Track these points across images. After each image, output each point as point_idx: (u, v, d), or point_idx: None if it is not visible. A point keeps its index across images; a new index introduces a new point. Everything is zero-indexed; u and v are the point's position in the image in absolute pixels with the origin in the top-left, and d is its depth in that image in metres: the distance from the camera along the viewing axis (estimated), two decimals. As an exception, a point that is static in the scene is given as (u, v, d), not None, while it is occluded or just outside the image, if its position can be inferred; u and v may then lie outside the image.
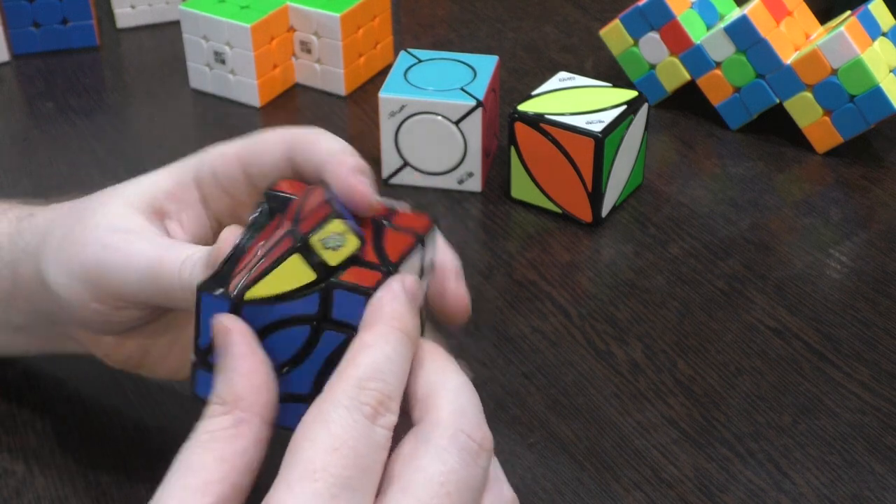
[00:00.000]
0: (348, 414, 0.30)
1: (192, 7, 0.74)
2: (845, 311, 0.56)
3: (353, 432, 0.30)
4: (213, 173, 0.42)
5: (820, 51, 0.66)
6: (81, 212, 0.42)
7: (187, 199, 0.42)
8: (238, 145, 0.42)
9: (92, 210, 0.42)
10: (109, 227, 0.40)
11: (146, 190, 0.42)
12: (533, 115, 0.61)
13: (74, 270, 0.40)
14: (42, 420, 0.49)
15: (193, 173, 0.42)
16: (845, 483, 0.46)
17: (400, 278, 0.33)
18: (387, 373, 0.31)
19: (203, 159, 0.42)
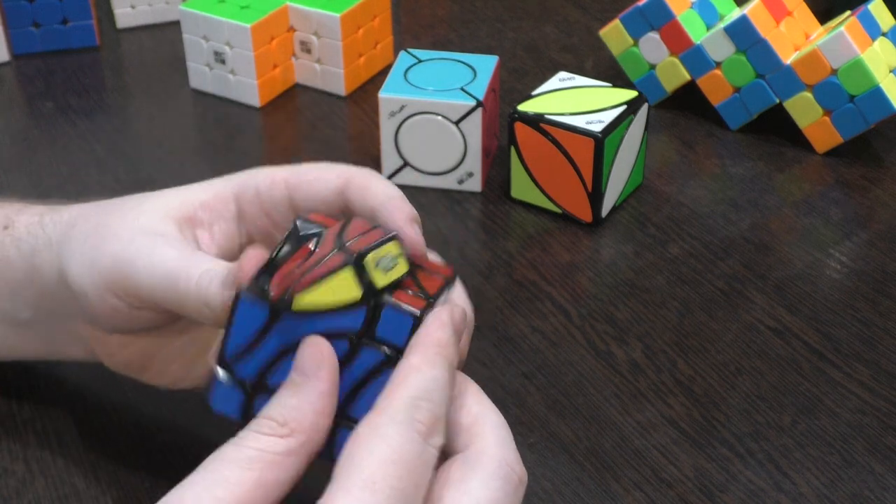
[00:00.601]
0: (404, 430, 0.31)
1: (192, 7, 0.74)
2: (845, 311, 0.56)
3: (409, 447, 0.31)
4: (256, 192, 0.42)
5: (820, 51, 0.66)
6: (112, 209, 0.43)
7: (222, 212, 0.43)
8: (288, 171, 0.42)
9: (123, 209, 0.42)
10: (139, 227, 0.41)
11: (182, 198, 0.43)
12: (533, 115, 0.61)
13: (96, 262, 0.41)
14: (42, 420, 0.49)
15: (235, 189, 0.43)
16: (845, 483, 0.46)
17: (448, 309, 0.34)
18: (435, 395, 0.32)
19: (249, 178, 0.43)
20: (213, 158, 0.70)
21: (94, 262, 0.41)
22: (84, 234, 0.42)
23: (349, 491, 0.30)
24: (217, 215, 0.43)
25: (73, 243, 0.42)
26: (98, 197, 0.67)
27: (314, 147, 0.71)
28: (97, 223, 0.42)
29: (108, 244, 0.41)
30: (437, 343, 0.33)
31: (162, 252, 0.39)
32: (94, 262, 0.41)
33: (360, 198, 0.40)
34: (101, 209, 0.43)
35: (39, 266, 0.43)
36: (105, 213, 0.43)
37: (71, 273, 0.41)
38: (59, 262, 0.42)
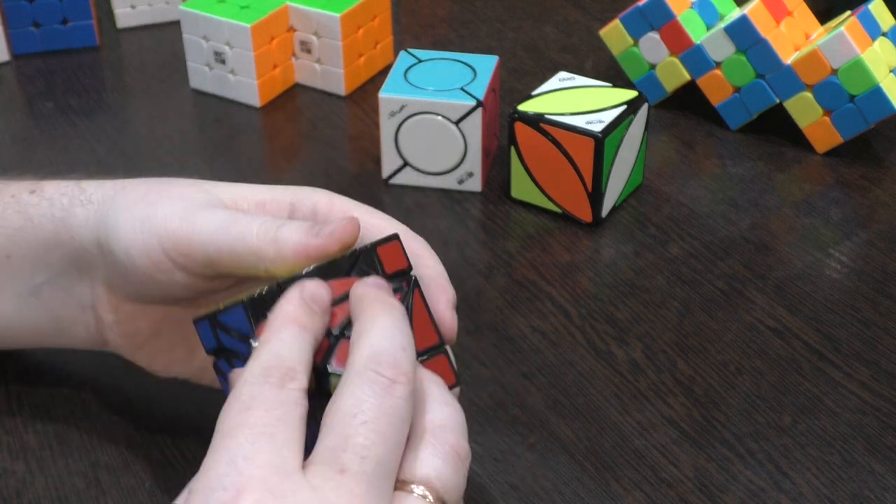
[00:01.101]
0: (254, 387, 0.34)
1: (192, 7, 0.74)
2: (845, 311, 0.56)
3: (262, 395, 0.34)
4: (313, 210, 0.43)
5: (820, 51, 0.66)
6: (170, 182, 0.44)
7: (273, 213, 0.43)
8: (351, 206, 0.44)
9: (182, 185, 0.44)
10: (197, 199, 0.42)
11: (238, 192, 0.44)
12: (533, 115, 0.61)
13: (150, 219, 0.42)
14: (42, 420, 0.49)
15: (293, 198, 0.44)
16: (845, 483, 0.46)
17: (298, 287, 0.37)
18: (284, 354, 0.35)
19: (310, 193, 0.44)
20: (213, 158, 0.70)
21: (146, 219, 0.42)
22: (136, 197, 0.43)
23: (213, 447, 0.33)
24: (268, 215, 0.43)
25: (121, 204, 0.43)
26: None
27: (314, 147, 0.71)
28: (152, 190, 0.43)
29: (164, 205, 0.42)
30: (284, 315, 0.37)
31: (221, 211, 0.41)
32: (149, 224, 0.41)
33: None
34: (154, 181, 0.44)
35: (72, 223, 0.44)
36: (162, 183, 0.44)
37: (117, 231, 0.42)
38: (99, 218, 0.43)
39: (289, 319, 0.36)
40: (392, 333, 0.36)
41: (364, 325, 0.36)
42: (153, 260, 0.42)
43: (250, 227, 0.40)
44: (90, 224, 0.43)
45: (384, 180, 0.66)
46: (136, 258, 0.42)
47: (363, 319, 0.36)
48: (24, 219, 0.45)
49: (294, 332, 0.36)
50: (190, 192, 0.43)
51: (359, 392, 0.34)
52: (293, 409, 0.34)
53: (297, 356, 0.35)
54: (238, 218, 0.41)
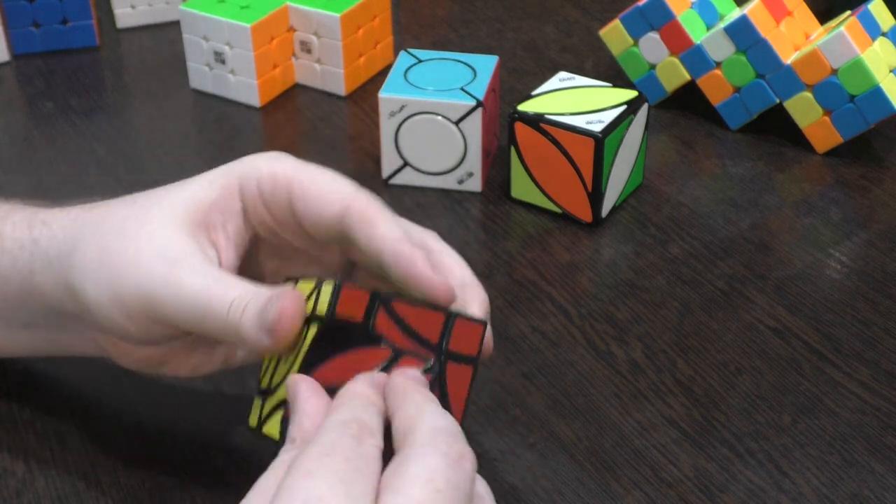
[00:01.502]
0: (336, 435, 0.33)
1: (192, 7, 0.74)
2: (845, 311, 0.56)
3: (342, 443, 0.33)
4: (258, 188, 0.42)
5: (820, 51, 0.66)
6: (119, 227, 0.41)
7: (232, 209, 0.42)
8: (292, 171, 0.42)
9: (132, 227, 0.41)
10: (155, 251, 0.40)
11: (190, 201, 0.42)
12: (533, 115, 0.61)
13: (118, 293, 0.40)
14: (42, 420, 0.49)
15: (238, 182, 0.42)
16: (845, 483, 0.46)
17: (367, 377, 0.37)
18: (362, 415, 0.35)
19: (251, 170, 0.42)
20: (213, 158, 0.70)
21: (113, 295, 0.40)
22: (93, 259, 0.41)
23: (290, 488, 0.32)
24: (228, 215, 0.42)
25: (81, 268, 0.41)
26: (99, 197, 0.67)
27: (314, 147, 0.71)
28: (103, 248, 0.41)
29: (127, 276, 0.40)
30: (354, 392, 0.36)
31: (187, 283, 0.39)
32: (114, 295, 0.40)
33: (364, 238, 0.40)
34: (102, 223, 0.42)
35: (40, 286, 0.43)
36: (111, 228, 0.41)
37: (90, 300, 0.41)
38: (65, 282, 0.41)
39: (358, 395, 0.36)
40: (446, 416, 0.35)
41: (415, 409, 0.35)
42: (139, 326, 0.41)
43: (219, 318, 0.38)
44: (59, 288, 0.42)
45: (384, 180, 0.66)
46: (121, 324, 0.41)
47: (412, 403, 0.35)
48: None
49: (367, 401, 0.36)
50: (152, 244, 0.40)
51: (431, 461, 0.32)
52: (371, 464, 0.33)
53: (373, 418, 0.35)
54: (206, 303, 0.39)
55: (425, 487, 0.32)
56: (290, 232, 0.43)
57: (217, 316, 0.38)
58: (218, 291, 0.39)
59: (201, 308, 0.39)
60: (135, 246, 0.40)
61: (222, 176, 0.43)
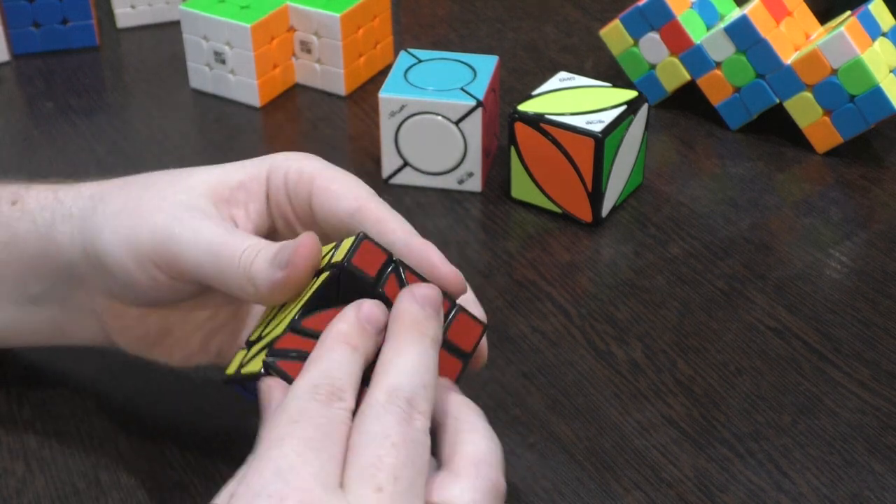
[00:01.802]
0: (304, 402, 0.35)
1: (192, 7, 0.74)
2: (845, 311, 0.56)
3: (309, 411, 0.34)
4: (285, 179, 0.44)
5: (820, 51, 0.66)
6: (146, 184, 0.43)
7: (256, 193, 0.44)
8: (318, 169, 0.44)
9: (159, 185, 0.43)
10: (178, 202, 0.42)
11: (218, 177, 0.43)
12: (533, 115, 0.61)
13: (136, 235, 0.41)
14: (42, 420, 0.49)
15: (267, 171, 0.44)
16: (845, 483, 0.46)
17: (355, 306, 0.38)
18: (335, 374, 0.36)
19: (282, 161, 0.44)
20: (213, 158, 0.70)
21: (132, 236, 0.41)
22: (116, 209, 0.42)
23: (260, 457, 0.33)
24: (252, 196, 0.43)
25: (102, 217, 0.42)
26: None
27: (314, 147, 0.71)
28: (131, 198, 0.42)
29: (147, 218, 0.41)
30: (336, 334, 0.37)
31: (205, 227, 0.41)
32: (133, 236, 0.41)
33: (376, 231, 0.41)
34: (130, 185, 0.44)
35: (57, 239, 0.43)
36: (138, 187, 0.43)
37: (105, 247, 0.42)
38: (85, 235, 0.42)
39: (341, 339, 0.37)
40: (417, 369, 0.36)
41: (390, 355, 0.36)
42: (149, 275, 0.41)
43: (232, 260, 0.40)
44: (76, 241, 0.43)
45: (384, 180, 0.66)
46: (131, 273, 0.41)
47: (393, 346, 0.37)
48: (10, 234, 0.45)
49: (345, 353, 0.36)
50: (176, 198, 0.42)
51: (384, 419, 0.34)
52: (339, 428, 0.34)
53: (346, 377, 0.36)
54: (221, 245, 0.40)
55: (384, 442, 0.34)
56: (305, 226, 0.44)
57: (230, 258, 0.39)
58: (233, 238, 0.40)
59: (216, 250, 0.40)
60: (158, 196, 0.42)
61: (253, 163, 0.44)
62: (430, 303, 0.38)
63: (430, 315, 0.37)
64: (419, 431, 0.35)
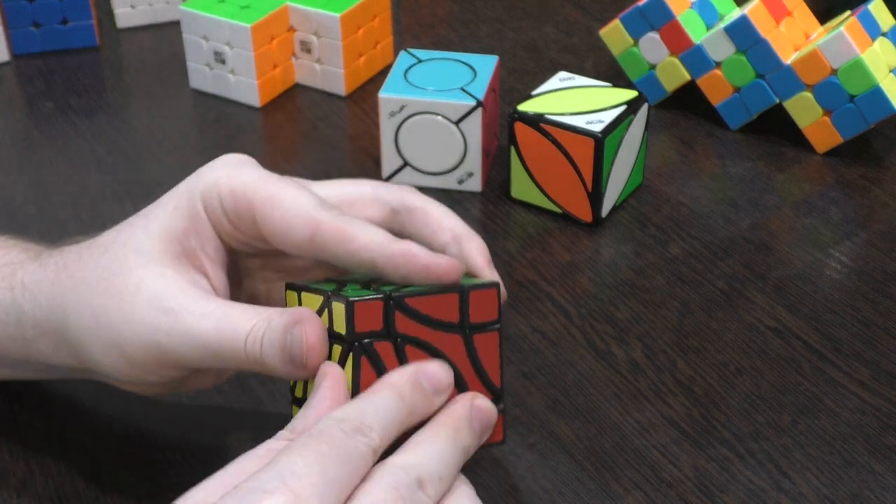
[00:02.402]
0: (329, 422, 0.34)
1: (192, 7, 0.74)
2: (845, 311, 0.56)
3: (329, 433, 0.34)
4: (221, 207, 0.41)
5: (820, 51, 0.66)
6: (102, 285, 0.40)
7: (204, 232, 0.41)
8: (252, 186, 0.41)
9: (116, 282, 0.40)
10: (149, 305, 0.39)
11: (161, 235, 0.41)
12: (533, 115, 0.61)
13: (124, 352, 0.40)
14: (42, 420, 0.49)
15: (201, 203, 0.41)
16: (845, 483, 0.46)
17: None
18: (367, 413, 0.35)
19: (210, 189, 0.41)
20: (213, 158, 0.70)
21: (122, 351, 0.40)
22: (92, 325, 0.40)
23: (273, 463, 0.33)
24: (202, 237, 0.41)
25: (80, 334, 0.41)
26: (98, 196, 0.66)
27: (314, 147, 0.71)
28: (97, 310, 0.40)
29: (128, 332, 0.39)
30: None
31: (191, 326, 0.39)
32: (123, 351, 0.40)
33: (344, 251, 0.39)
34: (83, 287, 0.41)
35: (38, 352, 0.43)
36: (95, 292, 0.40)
37: (98, 360, 0.41)
38: (68, 347, 0.41)
39: (389, 386, 0.36)
40: (443, 459, 0.36)
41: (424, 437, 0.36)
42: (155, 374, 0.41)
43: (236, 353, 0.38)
44: (60, 353, 0.42)
45: (384, 180, 0.66)
46: (139, 377, 0.41)
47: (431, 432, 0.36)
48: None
49: (388, 398, 0.36)
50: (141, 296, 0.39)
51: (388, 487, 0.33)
52: (355, 460, 0.33)
53: (378, 419, 0.35)
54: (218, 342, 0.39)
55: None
56: (262, 243, 0.42)
57: (234, 353, 0.38)
58: (227, 329, 0.38)
59: (213, 348, 0.39)
60: (127, 302, 0.40)
61: (184, 199, 0.41)
62: (480, 418, 0.38)
63: (475, 430, 0.37)
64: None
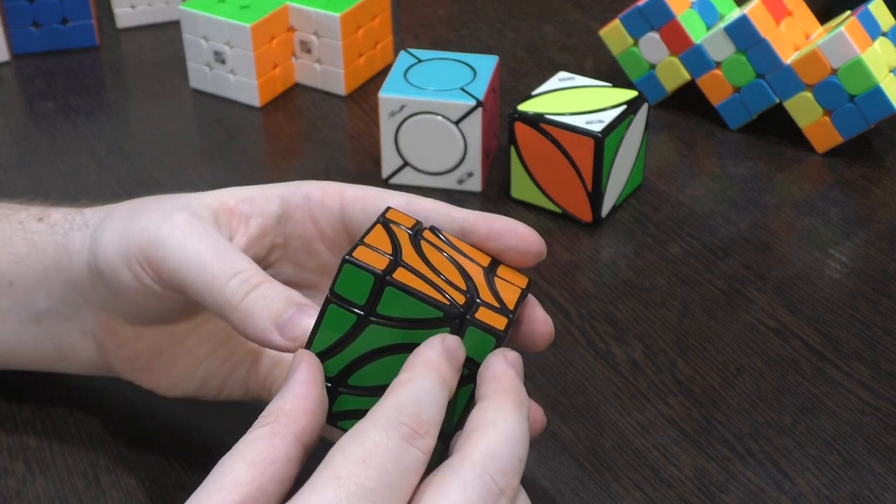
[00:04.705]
0: (384, 432, 0.32)
1: (192, 7, 0.74)
2: (845, 311, 0.56)
3: (385, 449, 0.32)
4: (305, 197, 0.43)
5: (820, 51, 0.66)
6: (151, 200, 0.43)
7: (263, 209, 0.43)
8: (345, 185, 0.43)
9: (164, 197, 0.43)
10: (177, 206, 0.41)
11: (226, 191, 0.43)
12: (533, 115, 0.61)
13: (127, 234, 0.41)
14: (42, 420, 0.49)
15: (283, 191, 0.43)
16: (845, 483, 0.46)
17: (441, 338, 0.35)
18: (425, 402, 0.33)
19: (299, 184, 0.43)
20: (213, 158, 0.70)
21: (125, 234, 0.41)
22: (120, 214, 0.42)
23: (314, 487, 0.31)
24: (257, 211, 0.43)
25: (108, 221, 0.42)
26: (98, 196, 0.67)
27: (314, 147, 0.71)
28: (135, 205, 0.43)
29: (142, 218, 0.41)
30: (428, 360, 0.35)
31: (195, 234, 0.39)
32: (126, 234, 0.41)
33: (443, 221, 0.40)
34: (147, 198, 0.44)
35: (70, 248, 0.44)
36: (150, 199, 0.43)
37: (100, 246, 0.42)
38: (92, 242, 0.43)
39: (432, 367, 0.34)
40: (519, 439, 0.34)
41: (492, 415, 0.34)
42: (134, 274, 0.41)
43: (218, 278, 0.38)
44: (85, 248, 0.43)
45: (384, 180, 0.66)
46: (119, 273, 0.41)
47: (496, 406, 0.34)
48: (29, 246, 0.45)
49: (437, 383, 0.34)
50: (175, 203, 0.41)
51: (472, 489, 0.31)
52: (410, 476, 0.32)
53: (434, 411, 0.33)
54: (211, 258, 0.39)
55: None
56: (329, 243, 0.43)
57: (217, 275, 0.38)
58: (226, 255, 0.39)
59: (202, 259, 0.38)
60: (158, 203, 0.42)
61: (270, 185, 0.44)
62: (520, 370, 0.36)
63: (522, 385, 0.36)
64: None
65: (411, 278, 0.36)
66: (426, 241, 0.39)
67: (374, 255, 0.36)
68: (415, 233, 0.39)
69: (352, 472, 0.31)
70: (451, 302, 0.36)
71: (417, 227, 0.39)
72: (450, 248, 0.39)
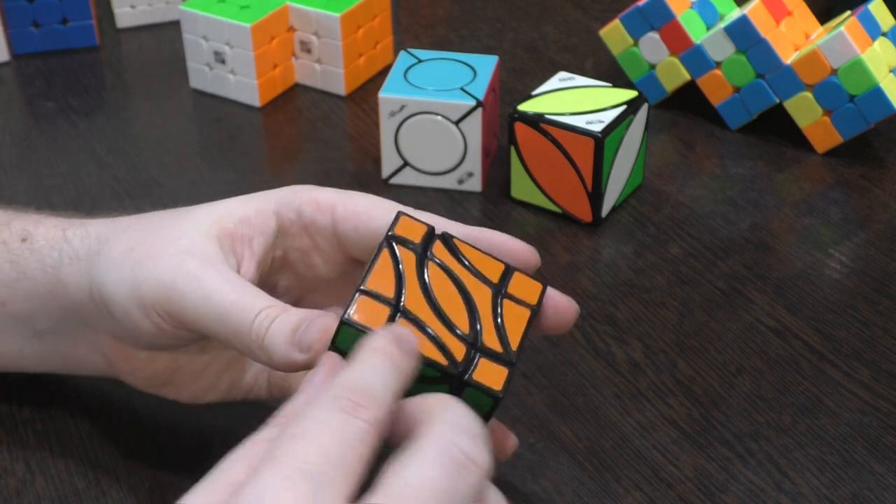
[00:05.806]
0: (321, 407, 0.31)
1: (192, 7, 0.74)
2: (845, 311, 0.56)
3: (326, 424, 0.31)
4: (298, 213, 0.42)
5: (820, 51, 0.66)
6: (149, 227, 0.42)
7: (263, 228, 0.42)
8: (335, 197, 0.42)
9: (161, 226, 0.42)
10: (182, 248, 0.40)
11: (222, 213, 0.42)
12: (533, 115, 0.61)
13: (140, 285, 0.40)
14: (42, 420, 0.49)
15: (276, 206, 0.43)
16: (845, 483, 0.46)
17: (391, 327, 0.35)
18: (368, 378, 0.33)
19: (292, 196, 0.43)
20: (213, 158, 0.70)
21: (136, 285, 0.40)
22: (121, 254, 0.41)
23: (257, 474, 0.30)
24: (257, 231, 0.42)
25: (107, 261, 0.41)
26: (98, 196, 0.67)
27: (314, 147, 0.71)
28: (135, 242, 0.41)
29: (151, 266, 0.40)
30: (372, 346, 0.34)
31: (210, 280, 0.39)
32: (137, 285, 0.40)
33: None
34: (134, 225, 0.43)
35: (65, 281, 0.43)
36: (142, 229, 0.42)
37: (111, 295, 0.41)
38: (90, 278, 0.42)
39: (377, 350, 0.34)
40: (473, 418, 0.33)
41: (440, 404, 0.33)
42: (154, 323, 0.40)
43: (243, 325, 0.38)
44: (83, 284, 0.42)
45: (384, 180, 0.66)
46: (137, 321, 0.41)
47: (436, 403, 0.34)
48: (18, 271, 0.44)
49: (383, 362, 0.33)
50: (180, 242, 0.40)
51: (433, 468, 0.30)
52: (357, 447, 0.31)
53: (380, 387, 0.32)
54: (230, 306, 0.38)
55: (413, 497, 0.30)
56: (325, 256, 0.43)
57: (240, 323, 0.38)
58: (245, 298, 0.38)
59: (223, 310, 0.38)
60: (161, 242, 0.41)
61: (261, 196, 0.43)
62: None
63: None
64: (470, 487, 0.31)
65: (411, 331, 0.36)
66: (435, 263, 0.38)
67: (373, 308, 0.36)
68: (423, 251, 0.38)
69: (287, 450, 0.30)
70: (450, 360, 0.36)
71: (428, 238, 0.39)
72: (459, 266, 0.39)
